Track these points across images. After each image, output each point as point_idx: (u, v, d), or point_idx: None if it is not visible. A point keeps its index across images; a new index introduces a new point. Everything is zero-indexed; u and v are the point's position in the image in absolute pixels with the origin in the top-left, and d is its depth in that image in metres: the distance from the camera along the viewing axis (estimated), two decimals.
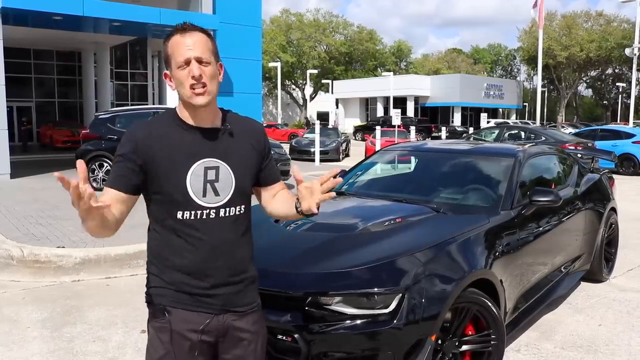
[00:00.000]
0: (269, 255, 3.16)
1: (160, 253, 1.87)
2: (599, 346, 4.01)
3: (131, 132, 1.85)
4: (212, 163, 1.84)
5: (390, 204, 4.21)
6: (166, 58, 1.84)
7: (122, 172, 1.80)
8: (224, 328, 1.89)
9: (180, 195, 1.80)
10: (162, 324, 1.85)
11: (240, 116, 2.03)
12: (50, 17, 13.81)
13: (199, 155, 1.83)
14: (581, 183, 5.41)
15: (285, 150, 12.20)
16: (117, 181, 1.80)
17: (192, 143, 1.84)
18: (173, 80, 1.83)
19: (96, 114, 12.88)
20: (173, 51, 1.80)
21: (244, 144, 1.93)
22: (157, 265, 1.88)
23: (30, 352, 3.84)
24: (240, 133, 1.94)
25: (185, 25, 1.82)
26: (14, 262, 5.67)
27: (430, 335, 2.84)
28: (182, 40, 1.79)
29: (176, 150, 1.81)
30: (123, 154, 1.81)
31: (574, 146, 13.03)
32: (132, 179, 1.80)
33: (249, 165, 1.94)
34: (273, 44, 54.65)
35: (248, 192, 1.96)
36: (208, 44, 1.83)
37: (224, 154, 1.87)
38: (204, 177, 1.82)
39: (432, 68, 71.08)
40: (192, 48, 1.78)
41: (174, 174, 1.80)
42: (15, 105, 26.55)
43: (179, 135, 1.84)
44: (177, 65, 1.79)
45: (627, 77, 55.79)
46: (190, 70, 1.77)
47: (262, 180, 2.02)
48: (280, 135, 33.56)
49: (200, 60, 1.78)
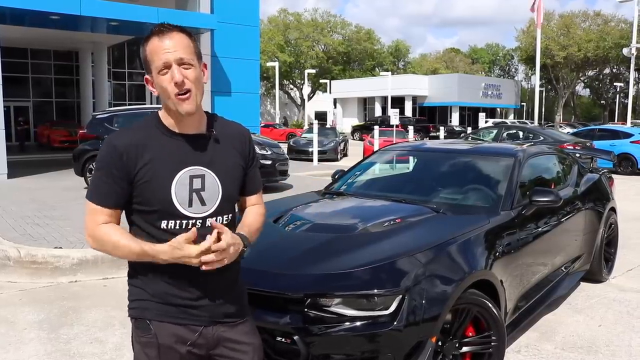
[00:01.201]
0: (268, 256, 3.14)
1: (144, 264, 1.76)
2: (599, 347, 4.00)
3: (110, 143, 1.74)
4: (198, 171, 1.76)
5: (389, 204, 4.19)
6: (145, 62, 1.73)
7: (109, 189, 1.72)
8: (215, 340, 1.82)
9: (164, 205, 1.72)
10: (149, 339, 1.78)
11: (226, 120, 1.93)
12: (48, 17, 13.77)
13: (184, 163, 1.75)
14: (581, 183, 5.39)
15: (283, 150, 12.16)
16: (107, 199, 1.73)
17: (177, 151, 1.75)
18: (155, 86, 1.74)
19: (93, 114, 12.84)
20: (152, 55, 1.70)
21: (230, 151, 1.85)
22: (140, 276, 1.80)
23: (27, 353, 3.81)
24: (226, 139, 1.85)
25: (162, 27, 1.71)
26: (10, 263, 5.63)
27: (430, 337, 2.82)
28: (160, 44, 1.68)
29: (160, 158, 1.73)
30: (103, 167, 1.72)
31: (572, 146, 13.03)
32: (119, 194, 1.73)
33: (236, 173, 1.86)
34: (271, 44, 54.62)
35: (235, 200, 1.89)
36: (189, 44, 1.72)
37: (210, 162, 1.78)
38: (190, 186, 1.74)
39: (430, 68, 71.12)
40: (172, 50, 1.68)
41: (158, 184, 1.72)
42: (12, 105, 26.53)
43: (163, 142, 1.75)
44: (157, 69, 1.69)
45: (624, 76, 55.88)
46: (172, 75, 1.68)
47: (241, 189, 1.92)
48: (279, 135, 33.54)
49: (181, 62, 1.69)
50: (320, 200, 4.52)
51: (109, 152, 1.73)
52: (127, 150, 1.71)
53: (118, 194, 1.73)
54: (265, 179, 11.08)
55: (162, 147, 1.75)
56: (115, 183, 1.72)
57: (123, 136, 1.76)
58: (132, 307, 1.83)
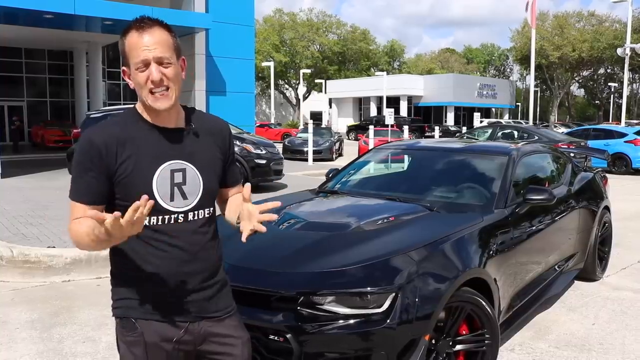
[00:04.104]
0: (261, 254, 3.14)
1: (127, 263, 1.75)
2: (592, 345, 4.00)
3: (88, 138, 1.69)
4: (179, 165, 1.74)
5: (383, 202, 4.18)
6: (123, 55, 1.69)
7: (87, 186, 1.68)
8: (202, 336, 1.81)
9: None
10: (135, 337, 1.76)
11: (205, 114, 1.92)
12: (42, 16, 13.71)
13: (164, 157, 1.72)
14: (575, 182, 5.40)
15: (278, 150, 12.15)
16: (83, 196, 1.68)
17: (157, 145, 1.73)
18: (132, 79, 1.70)
19: (88, 113, 12.80)
20: (130, 50, 1.66)
21: (209, 145, 1.83)
22: (124, 275, 1.79)
23: (19, 353, 3.79)
24: (205, 133, 1.84)
25: (142, 21, 1.67)
26: (3, 262, 5.60)
27: (424, 335, 2.81)
28: (140, 40, 1.64)
29: (140, 153, 1.70)
30: (82, 162, 1.68)
31: (567, 145, 13.05)
32: (97, 191, 1.68)
33: (216, 167, 1.85)
34: (266, 44, 54.57)
35: (215, 194, 1.88)
36: (168, 40, 1.68)
37: (190, 156, 1.77)
38: (171, 180, 1.72)
39: (425, 68, 71.28)
40: (152, 48, 1.64)
41: (139, 178, 1.68)
42: (6, 104, 26.45)
43: (142, 137, 1.72)
44: (135, 66, 1.66)
45: (619, 77, 56.14)
46: (150, 73, 1.65)
47: (222, 182, 1.92)
48: (274, 135, 33.51)
49: (160, 62, 1.66)
50: (314, 199, 4.51)
51: (87, 148, 1.68)
52: (106, 145, 1.67)
53: (95, 191, 1.68)
54: (260, 178, 11.08)
55: (142, 141, 1.72)
56: (94, 178, 1.67)
57: (101, 131, 1.72)
58: (117, 307, 1.81)
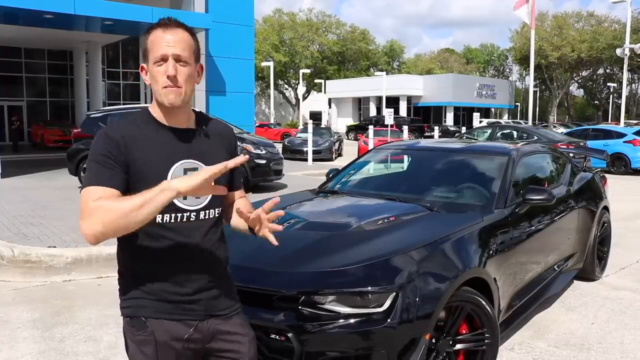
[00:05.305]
0: (262, 254, 3.14)
1: (137, 261, 1.77)
2: (591, 344, 4.02)
3: (106, 134, 1.72)
4: (192, 164, 1.77)
5: (383, 202, 4.19)
6: (144, 51, 1.76)
7: (111, 173, 1.66)
8: (210, 334, 1.84)
9: None
10: (145, 336, 1.76)
11: (211, 118, 1.96)
12: (42, 16, 13.70)
13: (178, 156, 1.76)
14: (574, 182, 5.42)
15: (278, 150, 12.16)
16: (108, 181, 1.64)
17: (169, 144, 1.76)
18: (148, 74, 1.76)
19: (88, 113, 12.79)
20: (152, 45, 1.73)
21: (218, 147, 1.88)
22: (133, 274, 1.79)
23: (20, 352, 3.80)
24: (215, 135, 1.89)
25: (169, 20, 1.75)
26: (4, 262, 5.61)
27: (424, 334, 2.83)
28: (163, 36, 1.72)
29: (154, 151, 1.73)
30: (101, 155, 1.68)
31: (566, 145, 13.07)
32: (121, 178, 1.68)
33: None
34: (266, 44, 54.56)
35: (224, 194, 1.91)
36: (190, 42, 1.75)
37: (202, 156, 1.80)
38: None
39: (424, 68, 71.27)
40: (172, 45, 1.71)
41: (153, 176, 1.68)
42: (6, 104, 26.45)
43: (154, 136, 1.76)
44: (154, 60, 1.72)
45: (618, 77, 56.10)
46: (166, 68, 1.70)
47: (228, 185, 1.91)
48: (273, 135, 33.52)
49: (178, 59, 1.71)
50: (314, 199, 4.52)
51: (105, 141, 1.70)
52: (123, 140, 1.71)
53: (119, 177, 1.67)
54: (260, 178, 11.09)
55: (154, 140, 1.75)
56: (116, 167, 1.67)
57: (117, 127, 1.75)
58: (126, 306, 1.81)
